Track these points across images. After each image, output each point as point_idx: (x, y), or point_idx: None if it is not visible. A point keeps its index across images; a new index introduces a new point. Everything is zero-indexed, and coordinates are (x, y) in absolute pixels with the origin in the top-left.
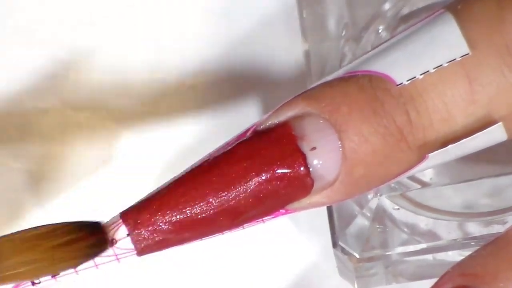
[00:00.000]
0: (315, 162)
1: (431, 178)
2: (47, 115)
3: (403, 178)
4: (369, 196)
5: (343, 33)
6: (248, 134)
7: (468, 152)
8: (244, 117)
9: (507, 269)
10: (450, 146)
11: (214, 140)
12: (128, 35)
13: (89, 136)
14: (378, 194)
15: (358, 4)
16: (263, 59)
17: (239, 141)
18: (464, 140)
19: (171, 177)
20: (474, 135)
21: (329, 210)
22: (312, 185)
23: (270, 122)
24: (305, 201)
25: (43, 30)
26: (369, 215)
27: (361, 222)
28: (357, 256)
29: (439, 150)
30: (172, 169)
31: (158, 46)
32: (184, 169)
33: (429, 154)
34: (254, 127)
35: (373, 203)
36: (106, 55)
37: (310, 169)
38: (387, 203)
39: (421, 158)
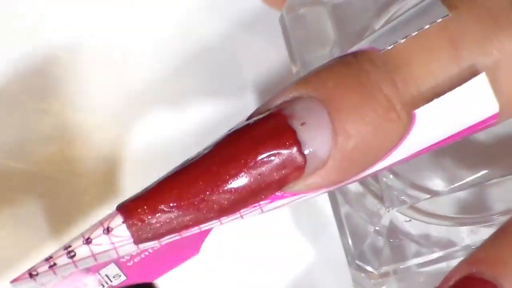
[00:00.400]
0: (306, 137)
1: (437, 186)
2: (47, 115)
3: (399, 156)
4: (381, 212)
5: (333, 52)
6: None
7: (462, 123)
8: (244, 115)
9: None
10: (435, 100)
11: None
12: (128, 35)
13: (89, 136)
14: (390, 208)
15: (345, 22)
16: (265, 58)
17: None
18: (449, 93)
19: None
20: (458, 88)
21: (342, 230)
22: (305, 162)
23: (261, 111)
24: (301, 182)
25: (43, 30)
26: (382, 231)
27: (374, 239)
28: (374, 272)
29: (426, 106)
30: (175, 164)
31: (158, 45)
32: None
33: (416, 111)
34: (246, 119)
35: (385, 220)
36: (106, 55)
37: (301, 145)
38: (399, 217)
39: (410, 123)
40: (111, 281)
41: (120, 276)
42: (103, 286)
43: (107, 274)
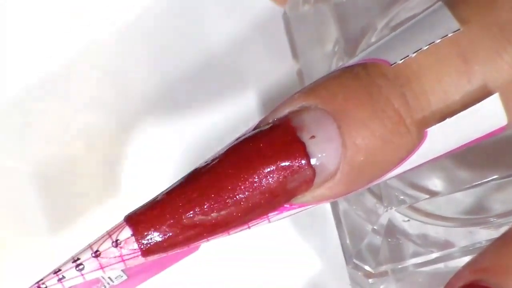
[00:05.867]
0: (315, 151)
1: (436, 186)
2: (47, 115)
3: (406, 168)
4: (380, 212)
5: (335, 49)
6: (247, 132)
7: (470, 137)
8: (246, 116)
9: None
10: (448, 119)
11: (215, 140)
12: (130, 38)
13: (89, 136)
14: (389, 208)
15: (347, 20)
16: (267, 58)
17: (238, 139)
18: (462, 113)
19: (177, 179)
20: (471, 108)
21: (340, 228)
22: (314, 175)
23: (269, 121)
24: (308, 194)
25: (43, 29)
26: (380, 230)
27: (372, 238)
28: (371, 271)
29: (438, 125)
30: (172, 169)
31: (158, 45)
32: (189, 171)
33: (428, 129)
34: (254, 127)
35: (383, 219)
36: (108, 57)
37: (311, 158)
38: (397, 216)
39: (420, 139)
40: (113, 282)
41: (122, 276)
42: (105, 287)
43: (110, 276)
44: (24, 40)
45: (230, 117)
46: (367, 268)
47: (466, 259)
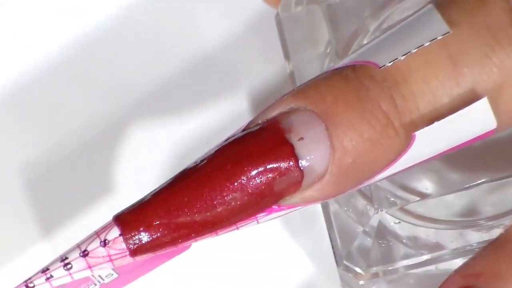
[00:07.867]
0: (303, 152)
1: (427, 189)
2: (47, 115)
3: (395, 170)
4: (370, 213)
5: (327, 51)
6: (236, 133)
7: (459, 140)
8: (238, 117)
9: (508, 265)
10: (436, 123)
11: (206, 140)
12: (122, 35)
13: (89, 137)
14: (379, 210)
15: (340, 21)
16: (257, 59)
17: (227, 140)
18: (450, 117)
19: (167, 178)
20: (460, 111)
21: (331, 229)
22: (302, 177)
23: (258, 122)
24: (297, 196)
25: (42, 29)
26: (371, 232)
27: (363, 239)
28: (362, 273)
29: (426, 128)
30: (164, 169)
31: (151, 46)
32: (179, 171)
33: (415, 133)
34: (243, 128)
35: (374, 220)
36: (100, 55)
37: (299, 160)
38: (388, 218)
39: (409, 141)
40: (103, 280)
41: (112, 274)
42: (95, 285)
43: (100, 274)
44: (18, 36)
45: (222, 117)
46: (357, 269)
47: (457, 261)
